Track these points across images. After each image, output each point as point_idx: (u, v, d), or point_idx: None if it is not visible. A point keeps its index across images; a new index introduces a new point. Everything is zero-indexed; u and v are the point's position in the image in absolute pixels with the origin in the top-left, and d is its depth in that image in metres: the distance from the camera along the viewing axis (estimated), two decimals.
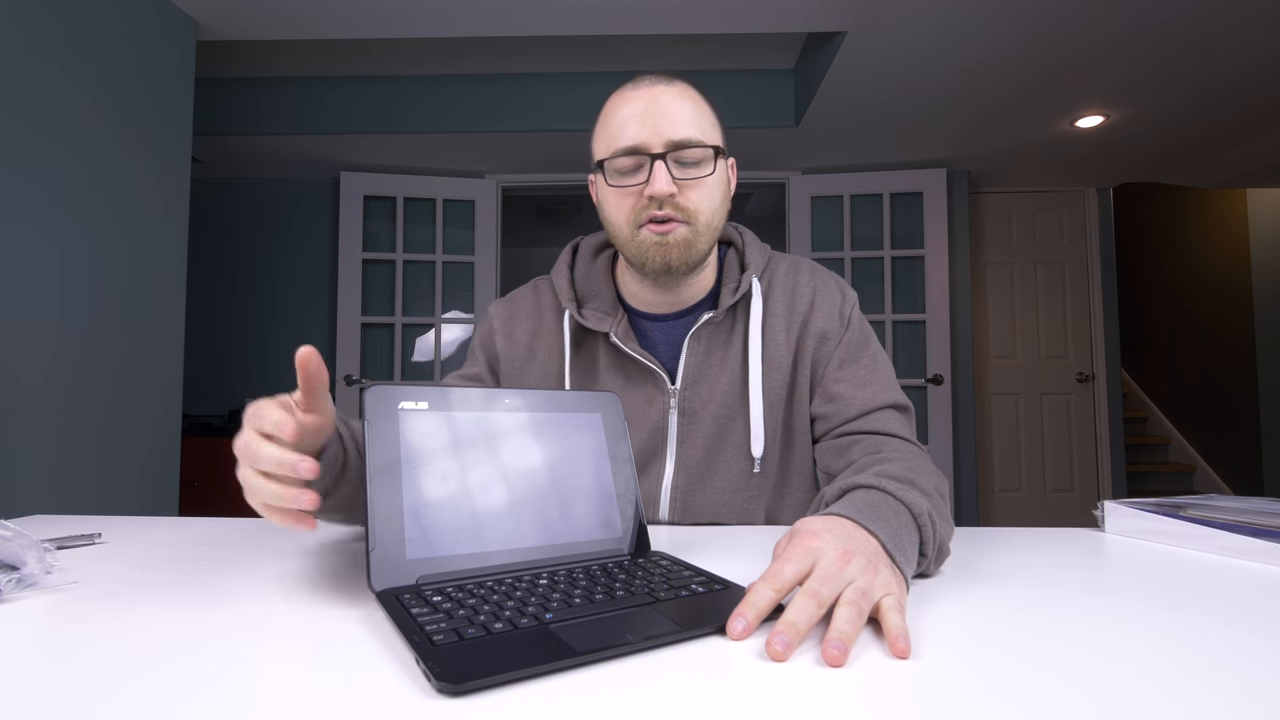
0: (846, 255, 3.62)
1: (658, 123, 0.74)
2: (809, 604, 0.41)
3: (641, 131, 0.74)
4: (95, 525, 0.79)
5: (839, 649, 0.38)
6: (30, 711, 0.32)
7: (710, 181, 0.76)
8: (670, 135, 0.74)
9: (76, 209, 1.73)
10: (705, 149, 0.75)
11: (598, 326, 0.83)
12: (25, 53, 1.60)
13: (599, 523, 0.58)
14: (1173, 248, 4.68)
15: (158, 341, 2.00)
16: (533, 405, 0.59)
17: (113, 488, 1.83)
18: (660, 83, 0.76)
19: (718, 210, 0.78)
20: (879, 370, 0.83)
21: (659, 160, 0.73)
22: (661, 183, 0.73)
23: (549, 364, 0.86)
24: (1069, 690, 0.34)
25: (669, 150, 0.74)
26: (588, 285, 0.87)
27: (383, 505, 0.48)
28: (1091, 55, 2.42)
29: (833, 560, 0.45)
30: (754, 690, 0.35)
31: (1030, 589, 0.53)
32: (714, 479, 0.83)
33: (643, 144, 0.74)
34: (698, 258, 0.78)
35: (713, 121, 0.78)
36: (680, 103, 0.75)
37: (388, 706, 0.33)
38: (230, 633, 0.43)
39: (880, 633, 0.42)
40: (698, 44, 2.82)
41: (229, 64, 2.95)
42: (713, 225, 0.78)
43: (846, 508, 0.53)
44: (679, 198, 0.74)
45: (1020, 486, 3.88)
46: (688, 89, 0.78)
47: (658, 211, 0.75)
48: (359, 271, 3.52)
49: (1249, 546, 0.63)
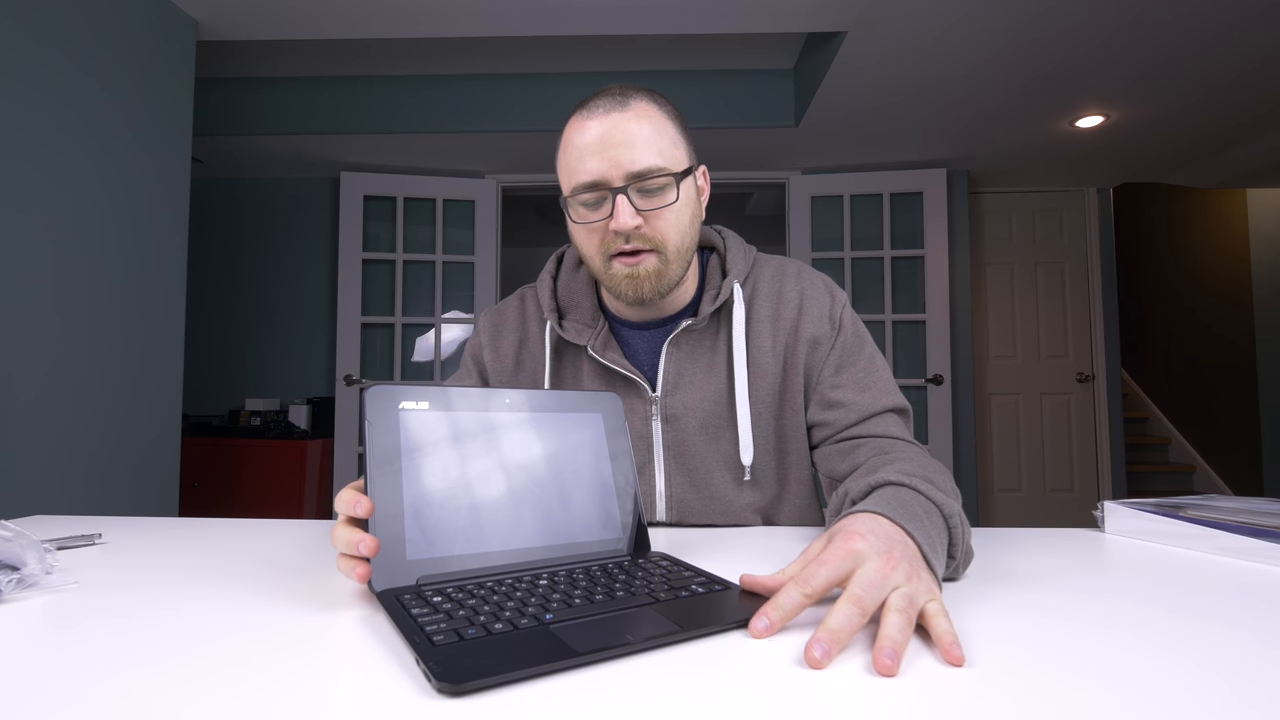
0: (846, 255, 3.62)
1: (616, 154, 0.71)
2: (853, 611, 0.40)
3: (600, 165, 0.72)
4: (95, 525, 0.79)
5: (891, 657, 0.36)
6: (30, 711, 0.32)
7: (676, 207, 0.74)
8: (629, 167, 0.71)
9: (76, 209, 1.73)
10: (667, 176, 0.73)
11: (576, 339, 0.83)
12: (25, 53, 1.60)
13: (599, 523, 0.58)
14: (1173, 248, 4.68)
15: (158, 341, 2.00)
16: (533, 405, 0.59)
17: (113, 488, 1.83)
18: (615, 108, 0.73)
19: (687, 232, 0.77)
20: (876, 372, 0.82)
21: (620, 194, 0.72)
22: (624, 217, 0.71)
23: (535, 375, 0.87)
24: (1069, 689, 0.34)
25: (629, 182, 0.72)
26: (569, 296, 0.88)
27: (383, 505, 0.48)
28: (1091, 55, 2.43)
29: (877, 566, 0.43)
30: (754, 691, 0.35)
31: (1030, 589, 0.53)
32: (709, 488, 0.83)
33: (602, 178, 0.72)
34: (670, 285, 0.78)
35: (674, 137, 0.75)
36: (637, 127, 0.72)
37: (388, 706, 0.33)
38: (230, 633, 0.43)
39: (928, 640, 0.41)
40: (698, 44, 2.83)
41: (228, 64, 2.95)
42: (683, 248, 0.77)
43: (881, 505, 0.51)
44: (645, 228, 0.73)
45: (1020, 486, 3.88)
46: (645, 106, 0.74)
47: (625, 245, 0.74)
48: (359, 271, 3.52)
49: (1249, 546, 0.63)
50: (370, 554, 0.47)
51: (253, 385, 3.68)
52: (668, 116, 0.75)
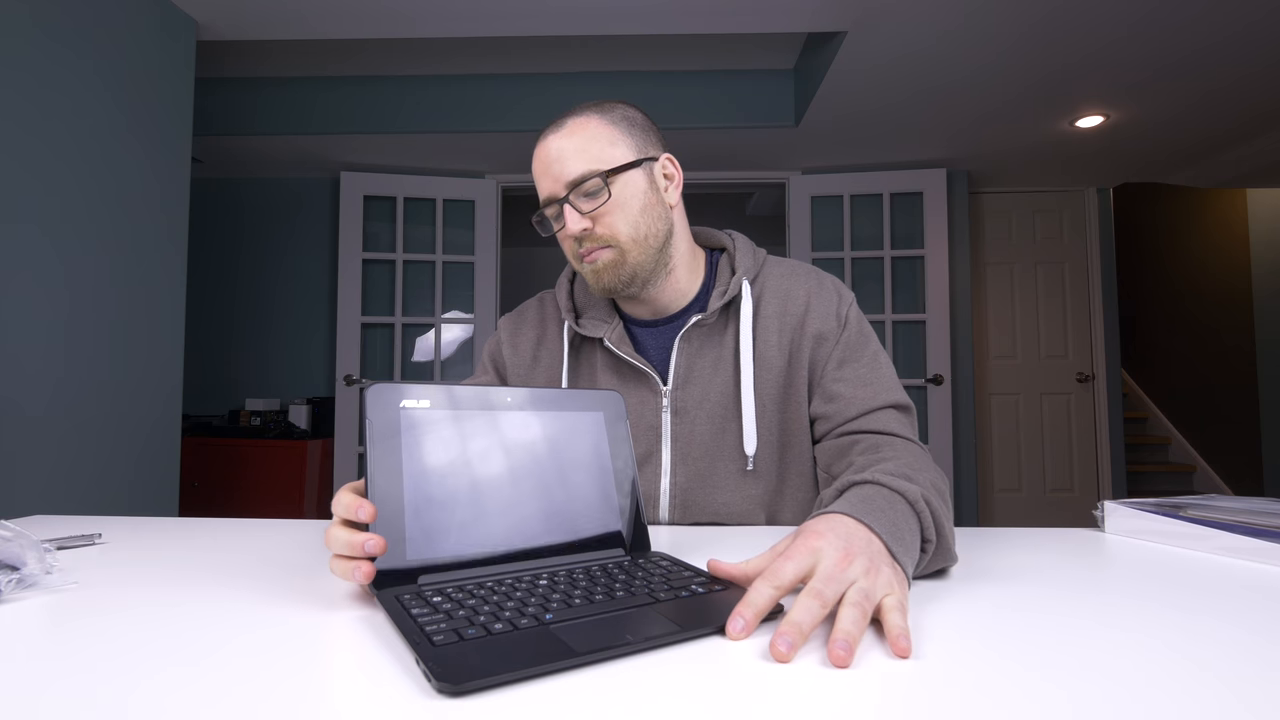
0: (846, 255, 3.62)
1: (556, 169, 0.79)
2: (813, 604, 0.41)
3: (547, 182, 0.80)
4: (95, 525, 0.79)
5: (845, 649, 0.38)
6: (30, 711, 0.32)
7: (617, 201, 0.79)
8: (565, 178, 0.79)
9: (77, 209, 1.73)
10: (596, 177, 0.78)
11: (594, 333, 0.88)
12: (25, 53, 1.60)
13: (599, 523, 0.58)
14: (1173, 248, 4.68)
15: (158, 341, 2.00)
16: (534, 404, 0.59)
17: (113, 488, 1.83)
18: (552, 131, 0.81)
19: (639, 221, 0.81)
20: (879, 369, 0.84)
21: (564, 203, 0.79)
22: (571, 223, 0.79)
23: (551, 370, 0.92)
24: (1069, 689, 0.34)
25: (569, 191, 0.79)
26: (585, 298, 0.93)
27: (383, 504, 0.48)
28: (1092, 55, 2.43)
29: (835, 561, 0.45)
30: (754, 691, 0.35)
31: (1030, 589, 0.53)
32: (712, 479, 0.85)
33: (551, 194, 0.81)
34: (632, 272, 0.82)
35: (610, 138, 0.80)
36: (568, 142, 0.79)
37: (387, 707, 0.33)
38: (230, 633, 0.43)
39: (882, 634, 0.42)
40: (698, 44, 2.83)
41: (228, 64, 2.95)
42: (640, 236, 0.81)
43: (844, 505, 0.53)
44: (596, 227, 0.80)
45: (1020, 486, 3.88)
46: (577, 122, 0.80)
47: (580, 249, 0.81)
48: (359, 271, 3.52)
49: (1249, 546, 0.63)
50: (378, 553, 0.47)
51: (253, 385, 3.68)
52: (606, 122, 0.81)
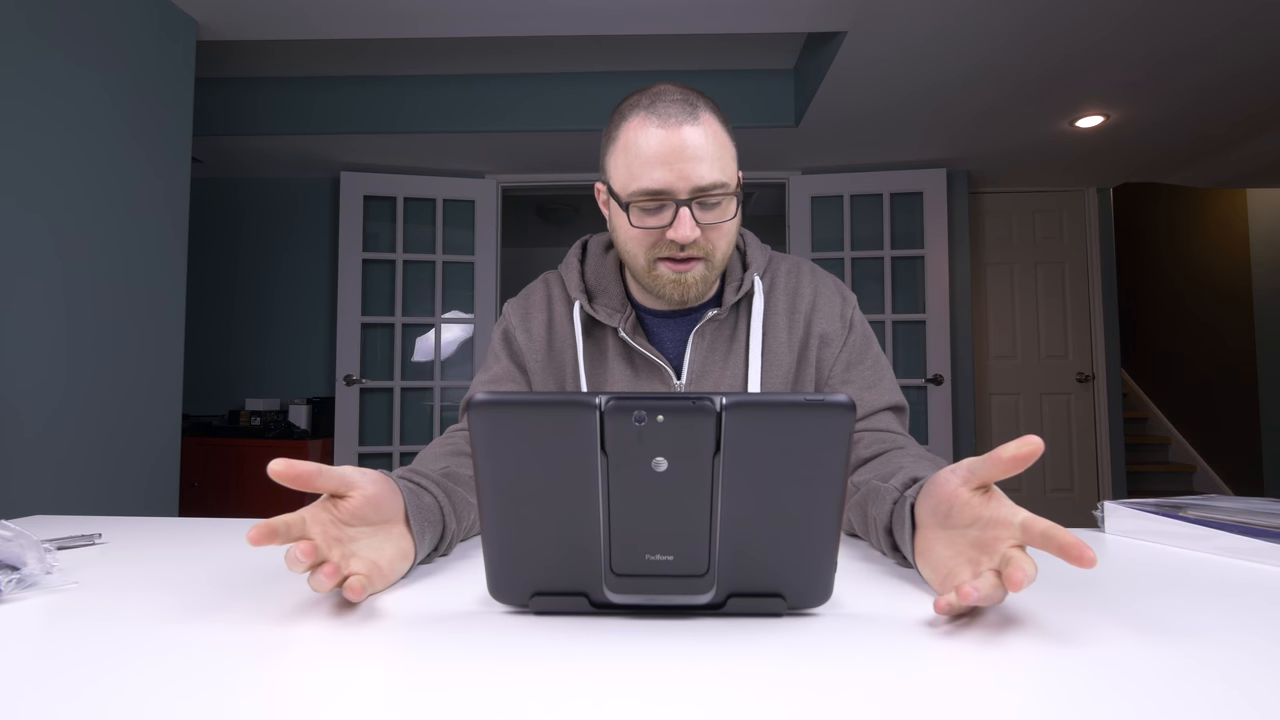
0: (846, 255, 3.62)
1: (684, 167, 0.72)
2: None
3: (667, 176, 0.72)
4: (95, 525, 0.79)
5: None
6: (30, 711, 0.32)
7: (732, 220, 0.78)
8: (696, 181, 0.72)
9: (77, 209, 1.73)
10: (729, 193, 0.74)
11: (607, 321, 0.85)
12: (25, 53, 1.60)
13: None
14: (1173, 248, 4.68)
15: (158, 341, 2.00)
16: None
17: (113, 488, 1.83)
18: (685, 119, 0.73)
19: (734, 241, 0.81)
20: (881, 372, 0.87)
21: (684, 206, 0.73)
22: (686, 229, 0.73)
23: (565, 354, 0.88)
24: (1069, 689, 0.34)
25: (694, 196, 0.73)
26: (597, 281, 0.89)
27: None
28: (1091, 55, 2.42)
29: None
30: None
31: (1029, 589, 0.52)
32: None
33: (668, 189, 0.73)
34: (711, 289, 0.82)
35: (732, 153, 0.77)
36: (706, 144, 0.73)
37: (388, 707, 0.33)
38: (230, 633, 0.43)
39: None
40: (698, 44, 2.83)
41: (228, 64, 2.95)
42: (729, 256, 0.81)
43: None
44: (700, 239, 0.75)
45: (1020, 487, 3.88)
46: (710, 119, 0.74)
47: (678, 252, 0.76)
48: (359, 271, 3.52)
49: (1249, 546, 0.63)
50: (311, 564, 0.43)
51: (253, 385, 3.68)
52: (726, 129, 0.77)
